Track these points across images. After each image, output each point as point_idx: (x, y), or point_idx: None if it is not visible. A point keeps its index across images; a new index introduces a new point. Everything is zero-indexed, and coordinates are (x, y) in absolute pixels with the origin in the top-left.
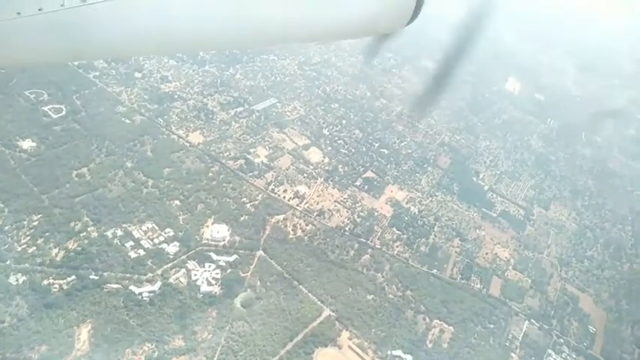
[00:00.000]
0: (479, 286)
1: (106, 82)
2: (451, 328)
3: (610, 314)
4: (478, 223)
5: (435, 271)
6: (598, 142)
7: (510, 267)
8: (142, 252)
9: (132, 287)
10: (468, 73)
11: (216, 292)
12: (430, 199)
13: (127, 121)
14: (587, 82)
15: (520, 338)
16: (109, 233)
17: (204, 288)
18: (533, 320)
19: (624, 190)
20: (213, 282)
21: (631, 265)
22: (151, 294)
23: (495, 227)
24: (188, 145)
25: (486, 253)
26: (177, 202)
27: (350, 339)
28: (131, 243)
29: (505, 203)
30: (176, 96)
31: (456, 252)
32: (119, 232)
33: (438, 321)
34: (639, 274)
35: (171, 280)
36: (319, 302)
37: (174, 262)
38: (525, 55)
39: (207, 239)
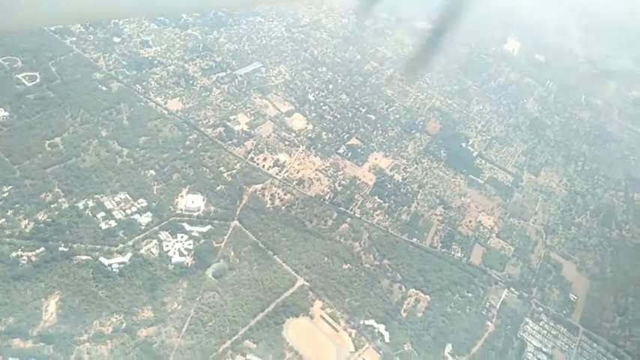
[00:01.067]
0: (459, 254)
1: (83, 47)
2: (427, 297)
3: (594, 282)
4: (464, 190)
5: (415, 239)
6: (598, 105)
7: (494, 235)
8: (113, 223)
9: (101, 259)
10: (465, 34)
11: (187, 263)
12: (415, 166)
13: (104, 88)
14: (592, 41)
15: (498, 307)
16: (80, 204)
17: (176, 259)
18: (512, 289)
19: (621, 155)
20: (186, 253)
21: (620, 231)
22: (121, 265)
23: (482, 194)
24: (166, 112)
25: (470, 221)
26: (152, 171)
27: (323, 309)
28: (102, 214)
29: (494, 169)
30: (156, 61)
31: (438, 220)
32: (91, 203)
33: (414, 290)
34: (628, 240)
35: (142, 252)
36: (293, 272)
37: (146, 233)
38: (528, 14)
39: (182, 209)
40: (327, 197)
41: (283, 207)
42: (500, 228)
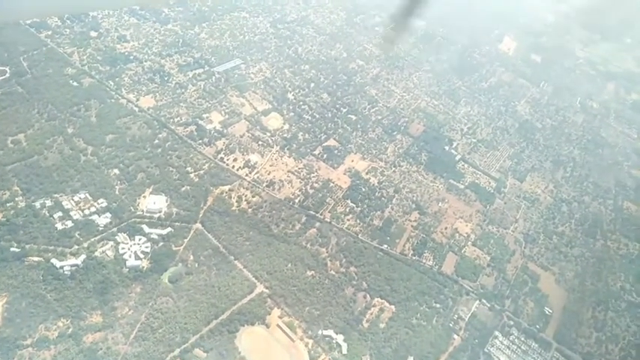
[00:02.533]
0: (431, 262)
1: (58, 41)
2: (392, 307)
3: (572, 295)
4: (442, 195)
5: (386, 246)
6: (594, 109)
7: (470, 243)
8: (69, 223)
9: (53, 260)
10: (459, 32)
11: (143, 267)
12: (394, 169)
13: (75, 83)
14: (595, 41)
15: (467, 319)
16: (37, 203)
17: (131, 262)
18: (484, 300)
19: (614, 161)
20: (142, 256)
21: (605, 241)
22: (73, 268)
23: (461, 200)
24: (137, 109)
25: (445, 228)
26: (116, 170)
27: (280, 317)
28: (60, 214)
29: (476, 174)
30: (132, 57)
31: (412, 226)
32: (48, 203)
33: (379, 299)
34: (612, 251)
35: (96, 254)
36: (253, 278)
37: (103, 234)
38: (529, 12)
39: (143, 211)
40: (297, 200)
41: (250, 210)
42: (477, 236)
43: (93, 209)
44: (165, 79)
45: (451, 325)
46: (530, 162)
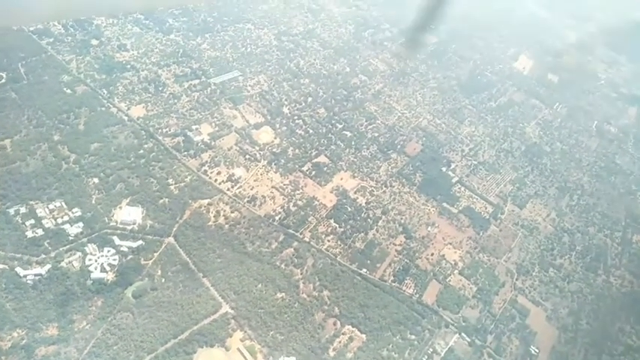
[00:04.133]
0: (411, 290)
1: (58, 49)
2: (363, 336)
3: (563, 334)
4: (433, 219)
5: (365, 270)
6: (611, 133)
7: (456, 271)
8: (40, 232)
9: (18, 269)
10: (472, 48)
11: (107, 280)
12: (384, 189)
13: (69, 91)
14: (620, 62)
15: (442, 354)
16: (11, 210)
17: (96, 274)
18: (464, 334)
19: (626, 191)
20: (108, 268)
21: (607, 277)
22: (37, 277)
23: (452, 225)
24: (126, 119)
25: (432, 254)
26: (95, 179)
27: (242, 340)
28: (32, 221)
29: (473, 198)
30: (129, 66)
31: (396, 250)
32: (23, 210)
33: (350, 327)
34: (614, 288)
35: (63, 264)
36: (219, 297)
37: (73, 244)
38: (550, 30)
39: (116, 222)
40: (277, 218)
41: (227, 225)
42: (466, 264)
43: (66, 218)
44: (160, 89)
45: (424, 359)
46: (534, 188)
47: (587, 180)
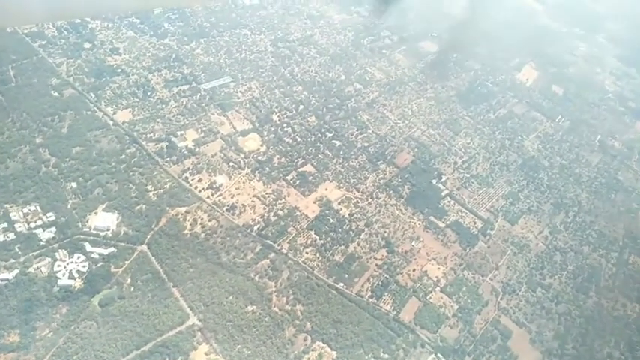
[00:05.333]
0: (389, 307)
1: (50, 51)
2: (334, 353)
3: (547, 358)
4: (418, 233)
5: (342, 284)
6: (615, 148)
7: (438, 288)
8: (12, 236)
9: None
10: (474, 58)
11: (75, 287)
12: (369, 201)
13: (56, 94)
14: (630, 75)
15: None
16: None
17: (63, 281)
18: (440, 354)
19: (626, 209)
20: (76, 275)
21: (599, 299)
22: (4, 282)
23: (437, 240)
24: (111, 123)
25: (414, 270)
26: (73, 184)
27: (207, 354)
28: (5, 225)
29: (462, 213)
30: (119, 70)
31: (376, 265)
32: None
33: (320, 343)
34: (606, 311)
35: (31, 269)
36: (188, 309)
37: (43, 249)
38: (558, 40)
39: (90, 228)
40: (255, 227)
41: (202, 234)
42: (449, 281)
43: (40, 222)
44: (148, 93)
45: None
46: (528, 203)
47: (586, 197)
